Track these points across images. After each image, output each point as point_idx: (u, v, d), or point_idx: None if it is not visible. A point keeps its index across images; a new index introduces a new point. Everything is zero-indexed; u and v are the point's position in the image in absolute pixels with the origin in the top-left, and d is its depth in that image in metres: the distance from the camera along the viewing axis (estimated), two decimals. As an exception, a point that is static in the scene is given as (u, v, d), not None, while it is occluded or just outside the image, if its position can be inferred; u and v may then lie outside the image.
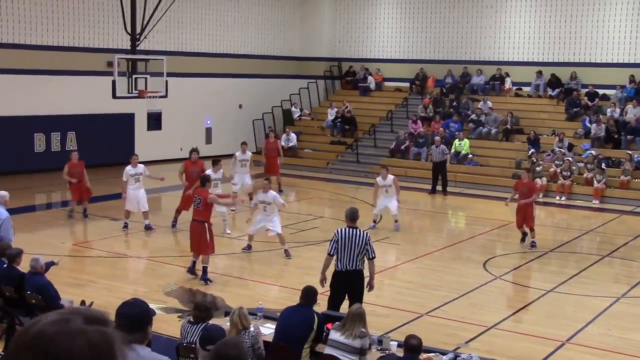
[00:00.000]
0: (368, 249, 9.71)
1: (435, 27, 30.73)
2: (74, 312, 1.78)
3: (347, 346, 7.62)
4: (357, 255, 9.67)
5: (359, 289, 9.80)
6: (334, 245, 9.73)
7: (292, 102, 31.64)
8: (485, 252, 15.98)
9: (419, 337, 7.28)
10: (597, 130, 24.77)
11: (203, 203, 12.68)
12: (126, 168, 16.85)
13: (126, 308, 4.34)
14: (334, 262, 9.87)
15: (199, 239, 12.72)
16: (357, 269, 9.74)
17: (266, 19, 31.88)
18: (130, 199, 16.69)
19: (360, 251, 9.68)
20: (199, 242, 12.74)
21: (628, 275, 14.71)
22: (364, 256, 9.75)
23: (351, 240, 9.66)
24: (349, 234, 9.71)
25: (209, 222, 12.83)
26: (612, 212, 21.14)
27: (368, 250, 9.72)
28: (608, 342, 10.52)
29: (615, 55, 27.30)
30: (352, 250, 9.64)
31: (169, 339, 9.33)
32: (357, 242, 9.66)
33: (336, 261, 9.79)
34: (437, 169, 23.06)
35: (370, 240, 9.81)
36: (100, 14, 25.75)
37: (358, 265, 9.73)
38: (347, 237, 9.68)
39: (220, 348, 4.91)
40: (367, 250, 9.72)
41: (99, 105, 24.86)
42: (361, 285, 9.86)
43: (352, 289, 9.75)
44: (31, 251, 13.00)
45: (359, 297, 9.63)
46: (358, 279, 9.79)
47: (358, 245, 9.65)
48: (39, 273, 9.51)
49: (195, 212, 12.97)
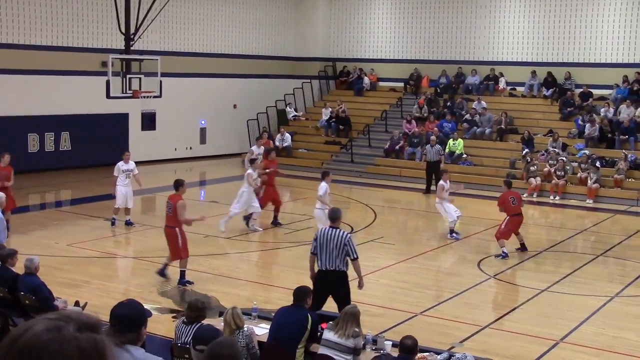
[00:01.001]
0: (348, 250, 9.63)
1: (429, 28, 30.76)
2: (67, 318, 1.77)
3: (341, 346, 7.62)
4: (336, 256, 9.60)
5: (342, 291, 9.70)
6: (314, 244, 9.76)
7: (286, 102, 31.64)
8: (480, 251, 16.00)
9: (414, 338, 7.29)
10: (591, 130, 24.83)
11: (173, 209, 12.48)
12: (118, 164, 17.09)
13: (121, 309, 4.33)
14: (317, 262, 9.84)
15: (171, 244, 12.59)
16: (338, 270, 9.64)
17: (261, 19, 31.87)
18: (120, 195, 16.83)
19: (340, 252, 9.60)
20: (171, 248, 12.62)
21: (622, 275, 14.75)
22: (345, 257, 9.67)
23: (330, 240, 9.61)
24: (329, 233, 9.68)
25: (181, 228, 12.58)
26: (605, 211, 21.20)
27: (348, 251, 9.64)
28: (602, 341, 10.55)
29: (609, 56, 27.37)
30: (331, 250, 9.60)
31: (163, 339, 9.32)
32: (336, 242, 9.59)
33: (317, 260, 9.77)
34: (431, 169, 23.06)
35: (350, 240, 9.69)
36: (94, 13, 25.70)
37: (339, 266, 9.64)
38: (326, 237, 9.65)
39: (214, 348, 4.92)
40: (348, 252, 9.64)
41: (93, 105, 24.82)
42: (344, 287, 9.76)
43: (334, 290, 9.64)
44: (25, 251, 12.97)
45: (344, 299, 9.55)
46: (340, 280, 9.69)
47: (337, 245, 9.58)
48: (33, 274, 9.48)
49: (167, 217, 12.72)
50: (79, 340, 1.71)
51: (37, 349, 1.68)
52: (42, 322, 1.74)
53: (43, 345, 1.69)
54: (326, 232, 9.72)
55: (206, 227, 17.15)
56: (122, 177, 16.94)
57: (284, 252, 15.60)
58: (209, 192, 24.21)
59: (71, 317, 1.77)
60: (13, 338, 1.73)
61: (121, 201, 16.92)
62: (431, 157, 23.08)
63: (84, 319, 1.78)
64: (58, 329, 1.72)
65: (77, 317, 1.78)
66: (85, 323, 1.77)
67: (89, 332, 1.75)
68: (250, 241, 16.79)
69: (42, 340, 1.69)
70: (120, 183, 16.91)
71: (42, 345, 1.68)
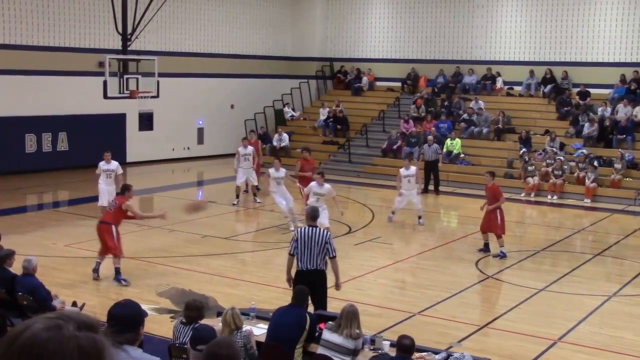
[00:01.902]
0: (328, 248, 9.65)
1: (427, 27, 30.76)
2: (66, 318, 1.77)
3: (342, 347, 7.58)
4: (317, 255, 9.61)
5: (321, 290, 9.70)
6: (294, 245, 9.70)
7: (284, 102, 31.63)
8: (478, 251, 15.99)
9: (412, 337, 7.28)
10: (590, 130, 24.85)
11: (116, 207, 12.84)
12: (100, 163, 17.31)
13: (118, 309, 4.32)
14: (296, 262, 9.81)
15: (103, 240, 12.78)
16: (319, 269, 9.67)
17: (258, 19, 31.86)
18: (102, 193, 17.07)
19: (320, 250, 9.61)
20: (105, 244, 12.79)
21: (619, 274, 14.77)
22: (325, 256, 9.68)
23: (311, 239, 9.60)
24: (309, 233, 9.66)
25: (117, 226, 12.87)
26: (603, 210, 21.22)
27: (328, 249, 9.66)
28: (600, 340, 10.56)
29: (606, 55, 27.39)
30: (312, 249, 9.59)
31: (161, 339, 9.31)
32: (317, 241, 9.60)
33: (297, 261, 9.73)
34: (429, 168, 23.10)
35: (330, 239, 9.73)
36: (91, 14, 25.67)
37: (319, 265, 9.66)
38: (307, 236, 9.63)
39: (212, 348, 4.90)
40: (328, 250, 9.66)
41: (90, 105, 24.80)
42: (323, 287, 9.78)
43: (314, 291, 9.45)
44: (23, 252, 12.96)
45: (320, 298, 9.57)
46: (319, 279, 9.71)
47: (318, 244, 9.59)
48: (31, 274, 9.47)
49: (106, 213, 13.18)
50: (79, 339, 1.71)
51: (37, 347, 1.68)
52: (41, 321, 1.74)
53: (43, 343, 1.68)
54: (306, 232, 9.70)
55: (205, 226, 17.16)
56: (102, 176, 17.17)
57: (281, 252, 15.57)
58: (206, 192, 24.19)
59: (71, 316, 1.78)
60: (12, 336, 1.73)
61: (104, 199, 17.07)
62: (429, 157, 23.12)
63: (83, 319, 1.78)
64: (58, 327, 1.72)
65: (77, 316, 1.79)
66: (85, 322, 1.77)
67: (88, 331, 1.75)
68: (248, 241, 16.78)
69: (42, 339, 1.69)
70: (102, 182, 17.19)
71: (43, 344, 1.68)
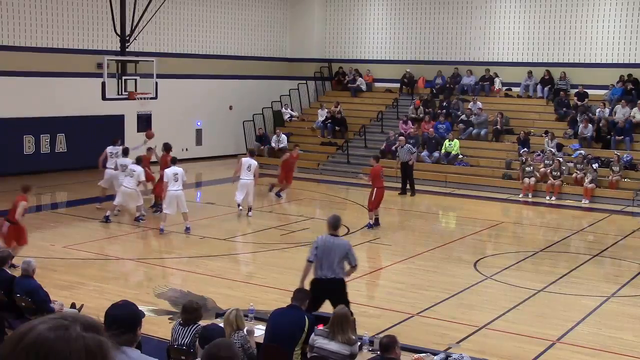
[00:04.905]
0: (350, 258, 9.63)
1: (425, 28, 30.77)
2: (71, 318, 1.77)
3: (337, 354, 7.47)
4: (337, 264, 9.55)
5: (343, 297, 9.57)
6: (315, 252, 9.59)
7: (282, 103, 31.63)
8: (476, 252, 16.02)
9: (393, 335, 7.21)
10: (584, 131, 24.86)
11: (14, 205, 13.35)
12: (107, 148, 18.62)
13: (115, 310, 4.32)
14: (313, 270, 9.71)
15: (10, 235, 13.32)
16: (338, 278, 9.59)
17: (256, 20, 31.86)
18: (107, 179, 17.79)
19: (341, 259, 9.56)
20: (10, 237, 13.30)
21: (618, 275, 14.77)
22: (344, 264, 9.64)
23: (332, 249, 9.52)
24: (331, 241, 9.58)
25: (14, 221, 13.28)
26: (601, 211, 21.23)
27: (350, 258, 9.64)
28: (598, 341, 10.56)
29: (605, 56, 27.42)
30: (332, 258, 9.51)
31: (160, 341, 9.30)
32: (339, 250, 9.54)
33: (315, 269, 9.61)
34: (403, 169, 23.11)
35: (351, 248, 9.71)
36: (90, 15, 25.65)
37: (338, 274, 9.59)
38: (329, 245, 9.55)
39: (212, 349, 4.89)
40: (350, 259, 9.64)
41: (89, 107, 24.78)
42: (344, 293, 9.69)
43: (335, 297, 9.39)
44: (21, 254, 12.97)
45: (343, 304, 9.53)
46: (339, 287, 9.64)
47: (339, 253, 9.53)
48: (29, 276, 9.46)
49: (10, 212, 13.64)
50: (86, 339, 1.72)
51: (44, 347, 1.67)
52: (46, 321, 1.74)
53: (50, 343, 1.68)
54: (327, 240, 9.62)
55: (204, 228, 17.15)
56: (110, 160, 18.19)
57: (280, 253, 15.58)
58: (205, 193, 24.18)
59: (75, 317, 1.78)
60: (18, 336, 1.72)
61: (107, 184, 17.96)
62: (403, 158, 23.10)
63: (88, 320, 1.79)
64: (64, 327, 1.72)
65: (82, 317, 1.79)
66: (90, 324, 1.78)
67: (94, 332, 1.75)
68: (246, 242, 16.78)
69: (49, 339, 1.69)
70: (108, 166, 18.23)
71: (50, 344, 1.68)
